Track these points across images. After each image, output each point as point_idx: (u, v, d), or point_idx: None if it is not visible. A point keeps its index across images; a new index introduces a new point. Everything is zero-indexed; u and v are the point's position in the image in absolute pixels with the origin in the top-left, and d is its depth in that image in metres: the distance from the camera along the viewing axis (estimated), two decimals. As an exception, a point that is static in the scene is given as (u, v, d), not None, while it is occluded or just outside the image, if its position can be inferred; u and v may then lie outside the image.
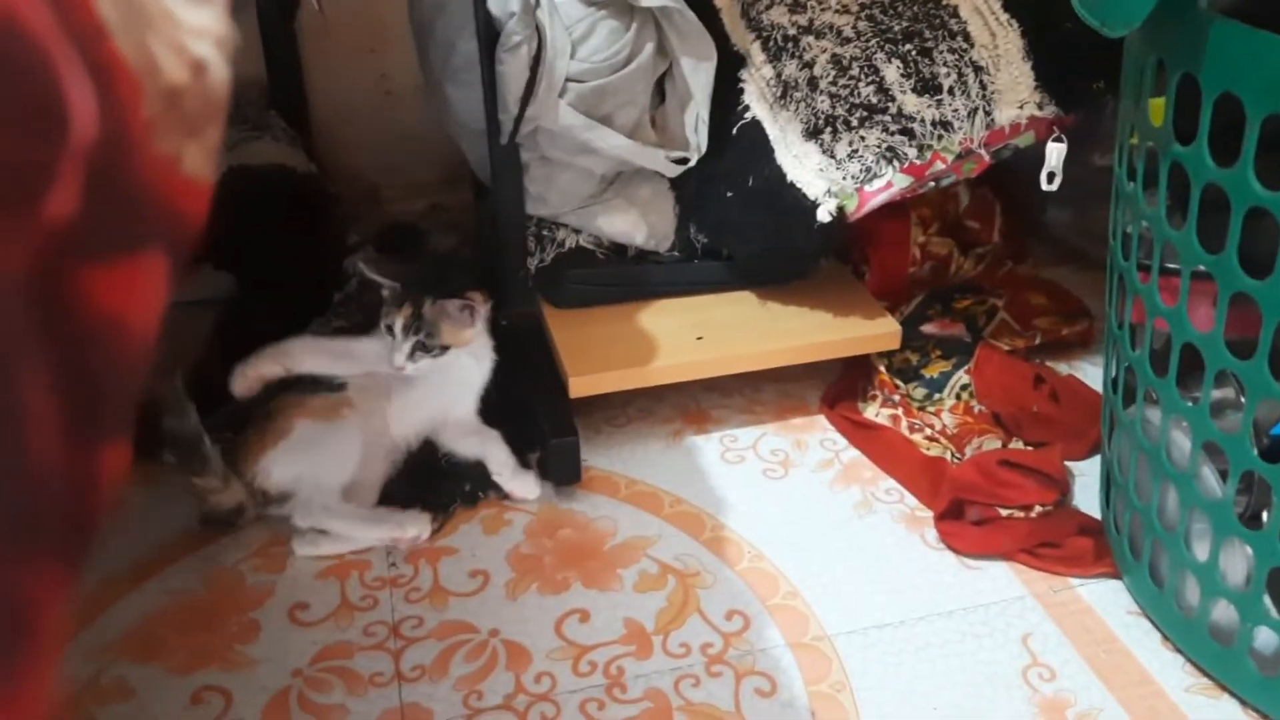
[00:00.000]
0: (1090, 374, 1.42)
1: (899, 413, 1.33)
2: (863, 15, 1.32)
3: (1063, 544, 1.14)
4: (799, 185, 1.24)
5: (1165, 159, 0.92)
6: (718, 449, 1.32)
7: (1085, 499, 1.22)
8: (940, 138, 1.25)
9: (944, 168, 1.26)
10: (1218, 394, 0.94)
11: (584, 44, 1.19)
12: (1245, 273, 0.84)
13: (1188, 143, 0.88)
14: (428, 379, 1.19)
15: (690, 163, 1.30)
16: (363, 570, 1.13)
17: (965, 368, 1.38)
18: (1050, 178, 1.22)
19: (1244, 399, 0.89)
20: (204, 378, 1.34)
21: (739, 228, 1.31)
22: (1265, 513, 0.92)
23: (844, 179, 1.23)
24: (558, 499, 1.23)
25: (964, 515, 1.18)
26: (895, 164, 1.23)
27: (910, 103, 1.26)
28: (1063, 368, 1.44)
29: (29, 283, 0.28)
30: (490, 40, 1.15)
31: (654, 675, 1.01)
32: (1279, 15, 0.80)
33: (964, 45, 1.28)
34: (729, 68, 1.30)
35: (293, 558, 1.13)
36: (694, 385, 1.38)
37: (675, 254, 1.39)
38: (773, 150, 1.27)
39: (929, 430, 1.30)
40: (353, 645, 1.04)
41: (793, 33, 1.31)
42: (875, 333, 1.34)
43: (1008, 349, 1.41)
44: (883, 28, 1.30)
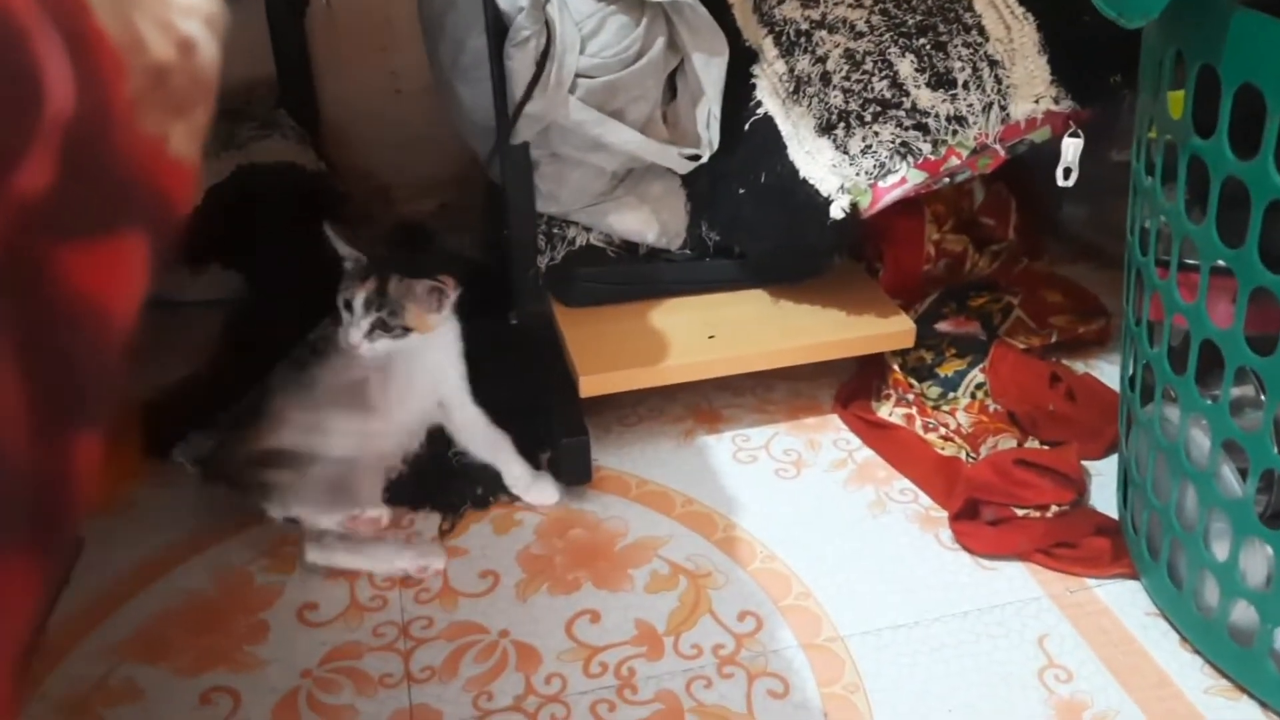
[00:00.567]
0: (1107, 372, 1.41)
1: (913, 412, 1.31)
2: (876, 9, 1.30)
3: (1079, 544, 1.13)
4: (812, 182, 1.23)
5: (1184, 152, 0.91)
6: (730, 448, 1.31)
7: (1102, 498, 1.21)
8: (955, 133, 1.23)
9: (959, 163, 1.24)
10: (1237, 391, 0.93)
11: (594, 39, 1.18)
12: (1266, 268, 0.83)
13: (1207, 135, 0.87)
14: (393, 371, 1.14)
15: (702, 159, 1.29)
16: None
17: (980, 366, 1.37)
18: (1066, 173, 1.21)
19: (1264, 396, 0.87)
20: (215, 377, 1.35)
21: (751, 225, 1.30)
22: (1287, 512, 0.91)
23: (857, 175, 1.22)
24: (568, 499, 1.22)
25: (979, 515, 1.17)
26: (909, 160, 1.22)
27: (924, 98, 1.24)
28: (1079, 366, 1.42)
29: None
30: (499, 36, 1.14)
31: (665, 676, 1.00)
32: (1300, 5, 0.79)
33: (979, 39, 1.27)
34: (741, 63, 1.29)
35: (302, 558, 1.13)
36: (706, 384, 1.38)
37: (687, 252, 1.38)
38: (785, 146, 1.26)
39: (944, 429, 1.29)
40: (362, 646, 1.03)
41: (805, 27, 1.29)
42: (889, 331, 1.33)
43: (1023, 347, 1.40)
44: (896, 22, 1.29)
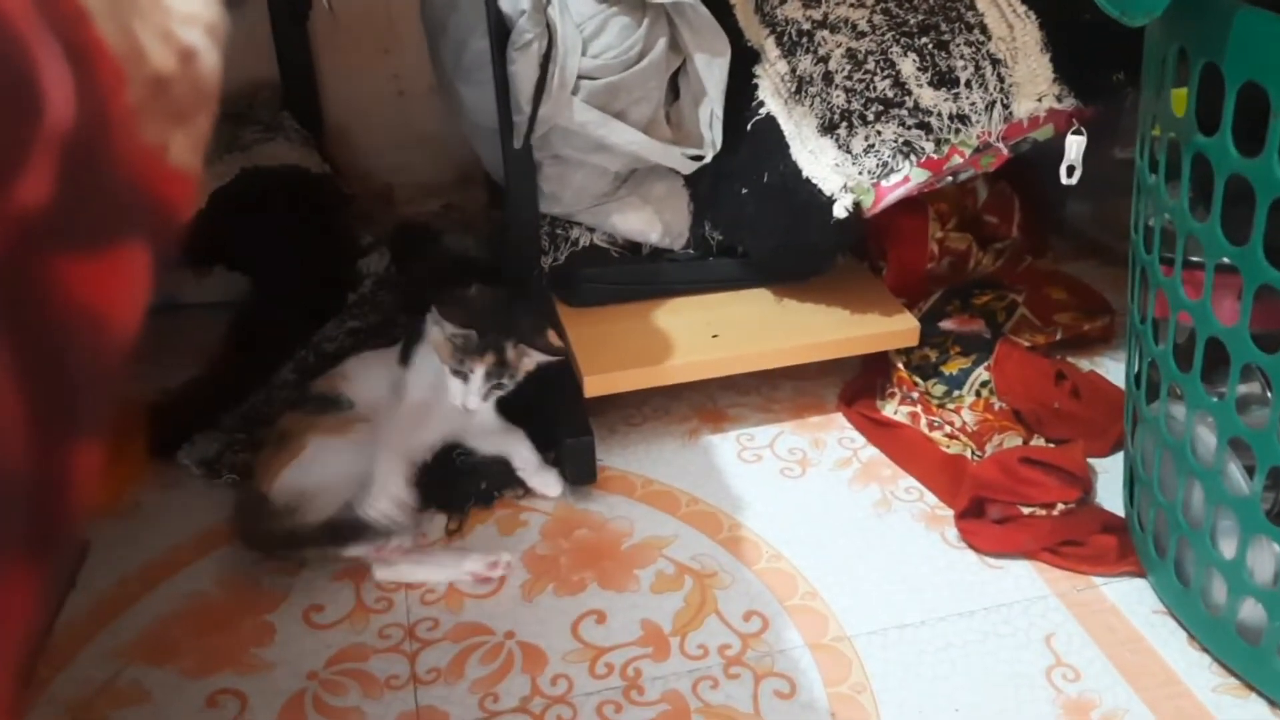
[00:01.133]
0: (1112, 370, 1.40)
1: (918, 410, 1.31)
2: (878, 9, 1.30)
3: (1086, 542, 1.13)
4: (814, 181, 1.22)
5: (1188, 150, 0.90)
6: (734, 448, 1.31)
7: (1108, 496, 1.20)
8: (958, 131, 1.23)
9: (962, 162, 1.24)
10: (1243, 389, 0.93)
11: (595, 41, 1.18)
12: (1271, 265, 0.83)
13: (1211, 133, 0.86)
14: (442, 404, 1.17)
15: (705, 159, 1.29)
16: (378, 572, 1.12)
17: (985, 364, 1.36)
18: (1070, 171, 1.21)
19: (1271, 393, 0.87)
20: (220, 379, 1.35)
21: (754, 224, 1.30)
22: (1293, 509, 0.91)
23: (860, 174, 1.22)
24: (573, 499, 1.22)
25: (985, 513, 1.17)
26: (912, 158, 1.22)
27: (927, 96, 1.24)
28: (1084, 363, 1.42)
29: None
30: (501, 39, 1.14)
31: (672, 677, 1.00)
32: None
33: (981, 38, 1.27)
34: (743, 63, 1.29)
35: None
36: (710, 384, 1.37)
37: (690, 251, 1.38)
38: (788, 146, 1.25)
39: (949, 428, 1.29)
40: (368, 648, 1.03)
41: (807, 27, 1.29)
42: (893, 329, 1.33)
43: (1028, 345, 1.40)
44: (898, 21, 1.29)
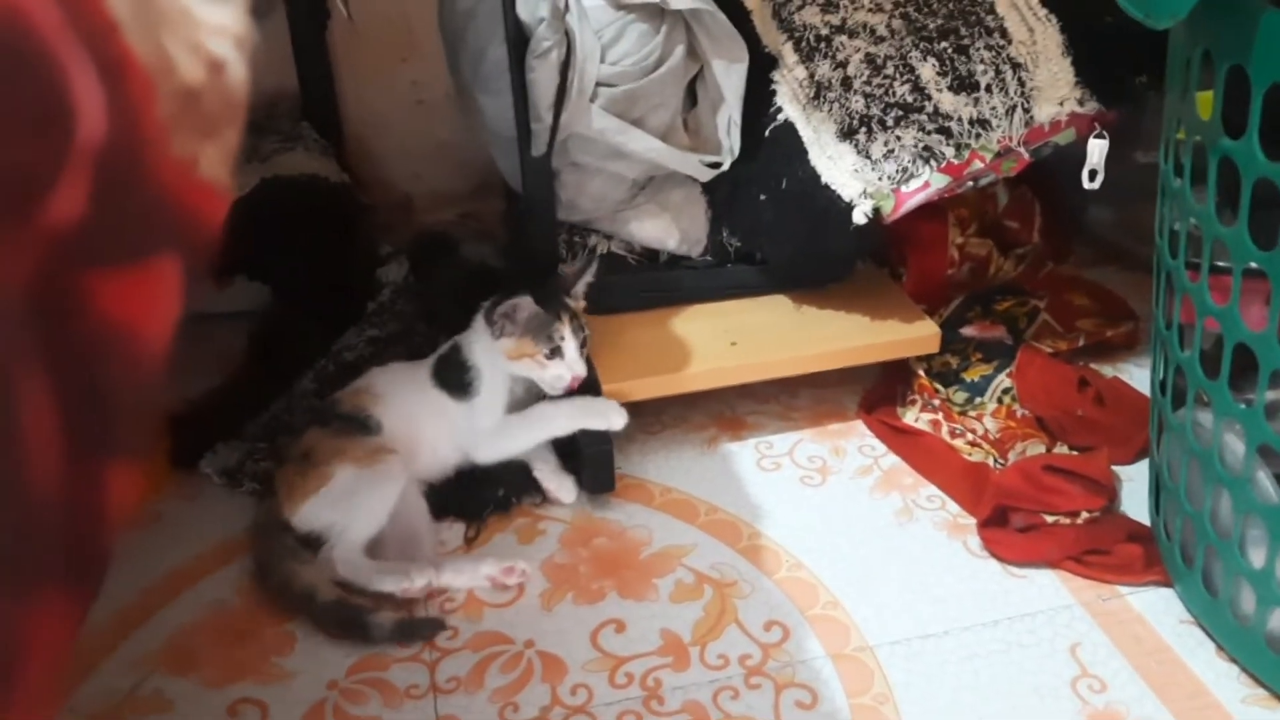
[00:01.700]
0: (1136, 376, 1.39)
1: (939, 417, 1.30)
2: (897, 13, 1.30)
3: (1111, 551, 1.11)
4: (833, 187, 1.22)
5: (1214, 153, 0.89)
6: (753, 456, 1.30)
7: (1134, 505, 1.19)
8: (978, 136, 1.22)
9: (982, 167, 1.23)
10: (1272, 395, 0.91)
11: (614, 48, 1.18)
12: (1300, 269, 0.82)
13: (1237, 136, 0.85)
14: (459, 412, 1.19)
15: (723, 166, 1.28)
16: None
17: (1007, 371, 1.35)
18: (1092, 175, 1.20)
19: (1300, 400, 0.86)
20: (241, 389, 1.35)
21: (772, 231, 1.29)
22: (1324, 518, 0.89)
23: (880, 180, 1.21)
24: (592, 508, 1.21)
25: (1008, 522, 1.15)
26: (932, 164, 1.21)
27: (947, 101, 1.23)
28: (1107, 370, 1.41)
29: (29, 290, 0.27)
30: (519, 46, 1.15)
31: (692, 687, 0.99)
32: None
33: (1001, 41, 1.26)
34: (761, 69, 1.29)
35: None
36: (729, 391, 1.37)
37: (708, 259, 1.38)
38: (806, 152, 1.25)
39: (970, 435, 1.27)
40: (388, 657, 1.03)
41: (825, 33, 1.29)
42: (914, 336, 1.32)
43: (1050, 351, 1.39)
44: (917, 25, 1.28)
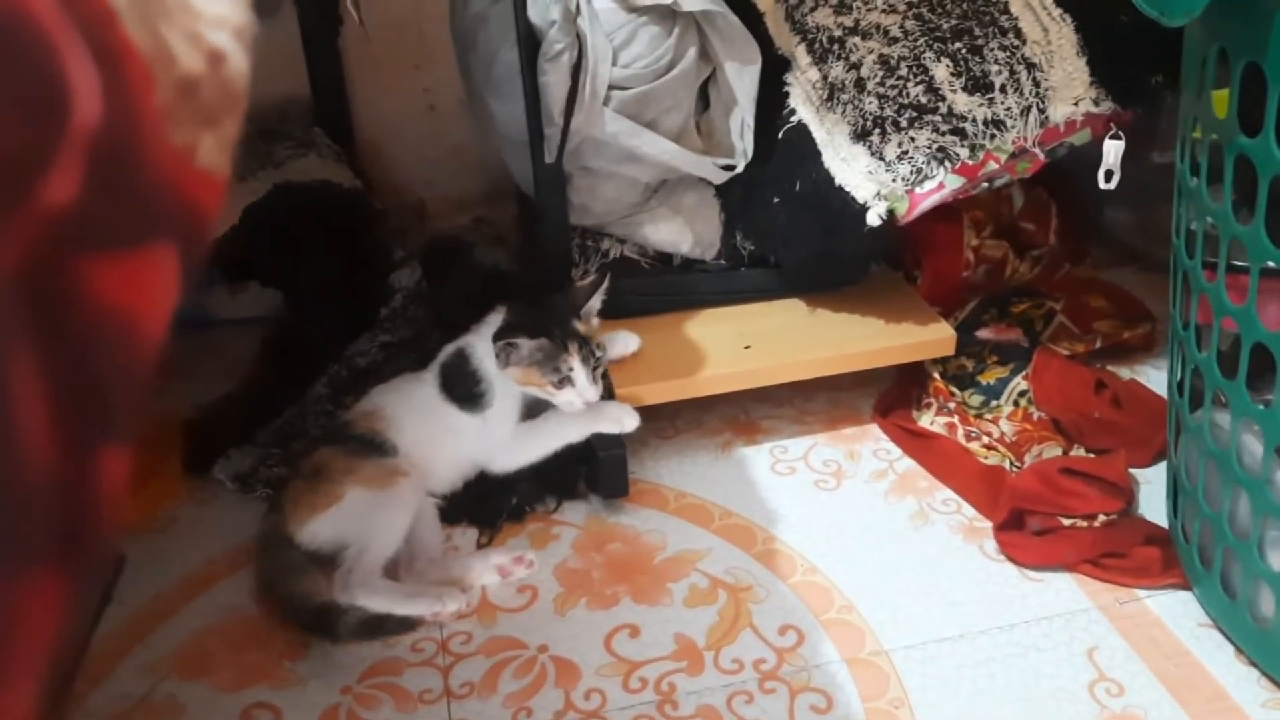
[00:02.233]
0: (1153, 378, 1.38)
1: (955, 420, 1.29)
2: (910, 14, 1.29)
3: (1129, 554, 1.10)
4: (847, 189, 1.21)
5: (1230, 152, 0.89)
6: (768, 460, 1.30)
7: (1151, 507, 1.18)
8: (993, 137, 1.21)
9: (997, 168, 1.23)
10: (1291, 396, 0.90)
11: (625, 50, 1.17)
12: (1319, 268, 0.81)
13: (1254, 134, 0.84)
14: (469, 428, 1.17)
15: (736, 169, 1.28)
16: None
17: (1023, 373, 1.34)
18: (1108, 176, 1.19)
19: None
20: (254, 394, 1.36)
21: (786, 234, 1.29)
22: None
23: (894, 181, 1.20)
24: (606, 513, 1.21)
25: (1024, 525, 1.15)
26: (947, 165, 1.20)
27: (961, 102, 1.23)
28: (1124, 372, 1.39)
29: (22, 272, 0.27)
30: (531, 50, 1.14)
31: (706, 692, 0.99)
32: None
33: (1015, 42, 1.25)
34: (773, 71, 1.28)
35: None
36: (743, 395, 1.36)
37: (721, 262, 1.38)
38: (820, 154, 1.24)
39: (986, 438, 1.27)
40: (401, 662, 1.03)
41: (838, 34, 1.28)
42: (929, 339, 1.31)
43: (1067, 354, 1.38)
44: (931, 26, 1.28)
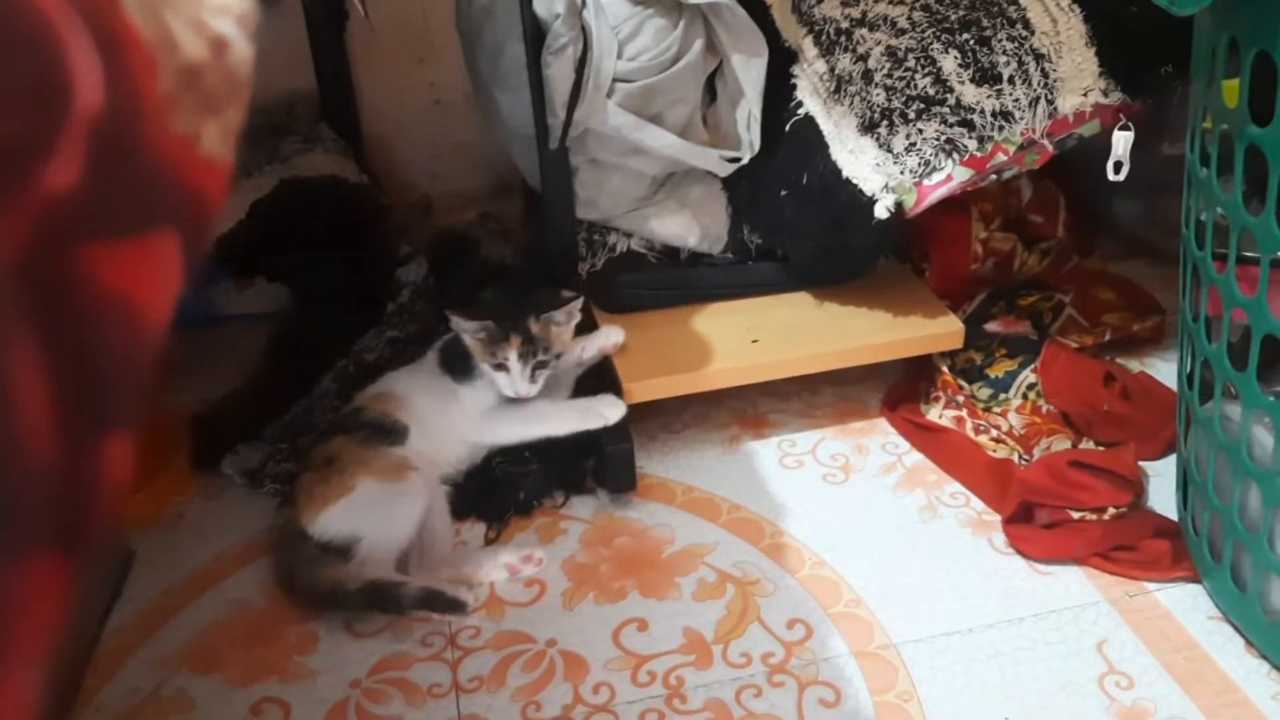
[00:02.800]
0: (1163, 370, 1.37)
1: (963, 414, 1.29)
2: (918, 5, 1.28)
3: (1138, 547, 1.10)
4: (855, 181, 1.21)
5: (1240, 142, 0.88)
6: (776, 454, 1.29)
7: (1161, 500, 1.18)
8: (1001, 129, 1.21)
9: (1005, 160, 1.22)
10: (1302, 387, 0.90)
11: (631, 43, 1.17)
12: (1330, 259, 0.80)
13: (1264, 123, 0.84)
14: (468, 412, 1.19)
15: (743, 161, 1.27)
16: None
17: (1032, 366, 1.34)
18: (1117, 167, 1.19)
19: (1332, 392, 0.84)
20: (262, 390, 1.36)
21: (794, 227, 1.28)
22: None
23: (902, 173, 1.20)
24: (613, 507, 1.21)
25: (1033, 519, 1.14)
26: (955, 157, 1.20)
27: (969, 93, 1.22)
28: (1134, 365, 1.39)
29: (22, 259, 0.27)
30: (536, 43, 1.14)
31: (715, 685, 0.99)
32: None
33: (1024, 33, 1.25)
34: (780, 63, 1.28)
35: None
36: (750, 389, 1.36)
37: (729, 256, 1.37)
38: (827, 146, 1.24)
39: (995, 431, 1.26)
40: (410, 656, 1.03)
41: (846, 26, 1.28)
42: (937, 332, 1.31)
43: (1076, 346, 1.37)
44: (939, 17, 1.27)
